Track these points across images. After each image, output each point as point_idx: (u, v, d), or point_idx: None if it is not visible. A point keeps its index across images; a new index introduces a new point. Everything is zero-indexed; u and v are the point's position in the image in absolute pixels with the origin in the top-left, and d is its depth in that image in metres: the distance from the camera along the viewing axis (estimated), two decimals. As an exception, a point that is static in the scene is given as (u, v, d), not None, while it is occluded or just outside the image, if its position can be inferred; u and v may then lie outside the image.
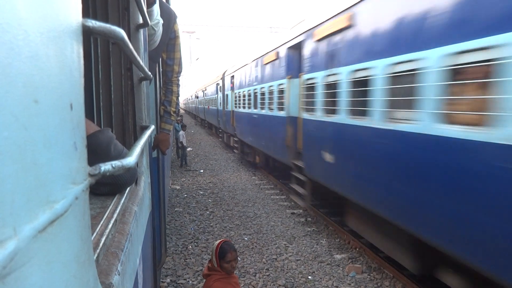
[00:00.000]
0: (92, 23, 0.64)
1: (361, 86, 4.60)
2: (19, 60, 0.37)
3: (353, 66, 4.82)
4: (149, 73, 1.78)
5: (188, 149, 14.85)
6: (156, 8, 2.41)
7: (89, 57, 1.81)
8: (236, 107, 12.92)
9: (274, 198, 8.62)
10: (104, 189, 1.23)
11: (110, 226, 0.97)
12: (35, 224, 0.39)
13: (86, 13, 1.78)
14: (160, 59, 3.33)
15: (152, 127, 1.78)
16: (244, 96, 11.54)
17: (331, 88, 5.47)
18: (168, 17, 2.98)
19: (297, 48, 7.05)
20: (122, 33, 0.80)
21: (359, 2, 4.73)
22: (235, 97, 13.01)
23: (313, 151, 6.18)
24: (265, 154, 10.00)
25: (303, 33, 6.59)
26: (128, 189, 1.39)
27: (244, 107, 11.52)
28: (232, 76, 13.53)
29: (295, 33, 7.16)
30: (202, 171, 12.00)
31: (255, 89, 10.09)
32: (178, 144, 12.91)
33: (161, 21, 2.60)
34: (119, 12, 1.85)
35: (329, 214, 6.85)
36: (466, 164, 2.99)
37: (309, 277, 4.81)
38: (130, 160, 0.80)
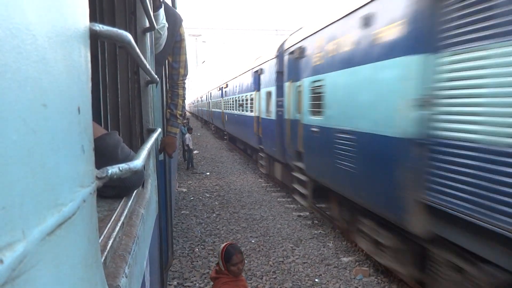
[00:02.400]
0: (99, 27, 0.65)
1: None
2: (28, 64, 0.37)
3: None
4: (156, 76, 1.79)
5: (195, 151, 14.89)
6: (162, 12, 2.43)
7: (96, 60, 1.82)
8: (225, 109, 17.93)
9: (281, 200, 8.60)
10: (111, 191, 1.23)
11: (117, 228, 0.98)
12: (44, 227, 0.39)
13: (93, 17, 1.80)
14: (166, 62, 3.34)
15: (159, 130, 1.78)
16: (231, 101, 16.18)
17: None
18: (174, 20, 3.00)
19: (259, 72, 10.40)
20: (129, 36, 0.80)
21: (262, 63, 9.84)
22: (225, 102, 18.14)
23: (268, 136, 9.27)
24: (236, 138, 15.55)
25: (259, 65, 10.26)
26: (135, 191, 1.39)
27: (231, 109, 15.86)
28: (226, 86, 17.83)
29: (257, 61, 10.90)
30: (208, 173, 12.02)
31: (237, 97, 14.26)
32: (185, 147, 12.96)
33: (167, 25, 2.62)
34: (126, 16, 1.87)
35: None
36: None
37: (316, 280, 4.78)
38: (137, 163, 0.80)
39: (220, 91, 19.40)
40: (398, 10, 3.62)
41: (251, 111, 11.19)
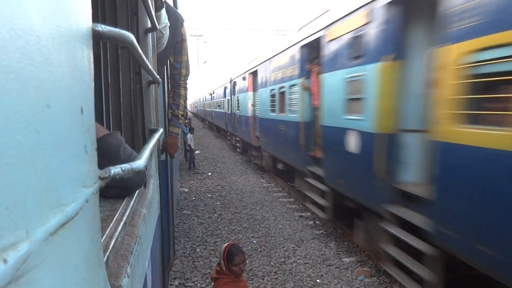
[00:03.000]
0: (102, 27, 0.65)
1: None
2: (32, 65, 0.38)
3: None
4: (158, 76, 1.79)
5: (196, 152, 14.90)
6: (163, 12, 2.44)
7: (99, 61, 1.83)
8: (213, 108, 26.78)
9: (282, 201, 8.60)
10: (114, 191, 1.24)
11: (119, 228, 0.98)
12: (47, 227, 0.39)
13: (95, 18, 1.80)
14: (168, 63, 3.34)
15: (161, 130, 1.79)
16: (214, 103, 25.75)
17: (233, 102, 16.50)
18: (175, 20, 3.00)
19: (226, 86, 18.53)
20: (132, 37, 0.80)
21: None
22: (212, 103, 27.31)
23: (229, 122, 17.16)
24: (219, 127, 24.08)
25: (229, 81, 17.50)
26: (137, 192, 1.40)
27: (215, 108, 24.67)
28: (213, 92, 26.22)
29: (224, 81, 19.45)
30: (210, 173, 12.03)
31: (218, 100, 22.97)
32: (186, 147, 12.97)
33: (169, 23, 2.62)
34: (128, 16, 1.87)
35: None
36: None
37: (318, 280, 4.78)
38: (140, 163, 0.81)
39: (210, 95, 28.28)
40: (247, 75, 12.46)
41: (223, 109, 20.08)
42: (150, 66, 1.42)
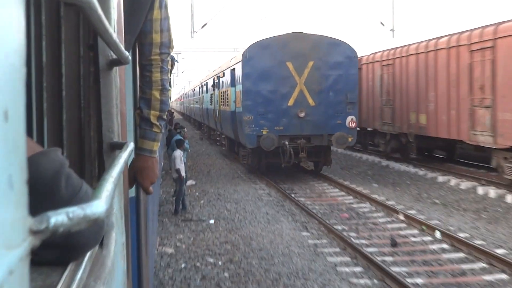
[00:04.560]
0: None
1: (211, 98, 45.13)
2: None
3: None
4: (126, 53, 1.83)
5: (189, 182, 15.01)
6: None
7: (27, 30, 1.88)
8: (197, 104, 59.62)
9: (342, 270, 8.51)
10: (50, 254, 1.25)
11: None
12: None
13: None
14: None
15: (131, 145, 1.81)
16: (194, 100, 63.66)
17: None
18: None
19: (204, 85, 51.99)
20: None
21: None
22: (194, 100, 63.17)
23: (207, 116, 47.59)
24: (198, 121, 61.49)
25: (201, 83, 55.71)
26: (88, 254, 1.41)
27: (198, 104, 57.39)
28: (194, 89, 61.88)
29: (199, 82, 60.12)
30: (212, 221, 12.07)
31: (198, 98, 57.51)
32: (173, 174, 13.10)
33: None
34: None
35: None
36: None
37: None
38: (98, 206, 0.81)
39: (193, 91, 58.19)
40: (211, 82, 45.62)
41: (199, 105, 52.90)
42: (114, 36, 1.45)
